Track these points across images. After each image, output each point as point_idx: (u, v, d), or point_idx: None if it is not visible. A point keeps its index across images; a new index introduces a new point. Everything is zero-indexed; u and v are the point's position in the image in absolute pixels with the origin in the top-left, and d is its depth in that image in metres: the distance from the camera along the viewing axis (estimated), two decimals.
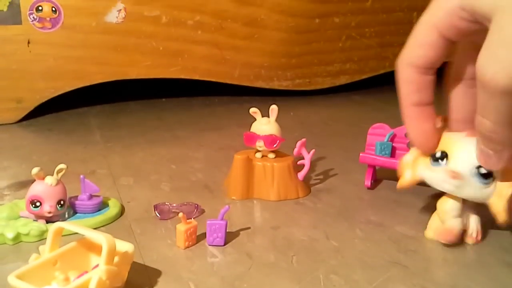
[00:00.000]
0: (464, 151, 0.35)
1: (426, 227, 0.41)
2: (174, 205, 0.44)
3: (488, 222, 0.43)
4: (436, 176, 0.36)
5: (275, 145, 0.47)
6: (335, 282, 0.34)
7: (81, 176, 0.43)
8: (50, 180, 0.40)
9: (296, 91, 0.92)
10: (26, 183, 0.50)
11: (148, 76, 0.82)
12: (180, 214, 0.38)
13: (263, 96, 0.89)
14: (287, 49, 0.88)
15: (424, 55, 0.33)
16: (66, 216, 0.42)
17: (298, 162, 0.49)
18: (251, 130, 0.48)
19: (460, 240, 0.38)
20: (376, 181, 0.52)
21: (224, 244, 0.39)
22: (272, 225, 0.42)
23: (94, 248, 0.33)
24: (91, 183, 0.43)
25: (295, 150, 0.48)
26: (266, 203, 0.47)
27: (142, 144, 0.66)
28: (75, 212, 0.42)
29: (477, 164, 0.34)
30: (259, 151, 0.48)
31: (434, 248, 0.39)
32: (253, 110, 0.48)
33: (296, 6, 0.86)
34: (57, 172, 0.40)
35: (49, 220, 0.40)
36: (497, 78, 0.27)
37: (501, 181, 0.35)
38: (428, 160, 0.37)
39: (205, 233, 0.39)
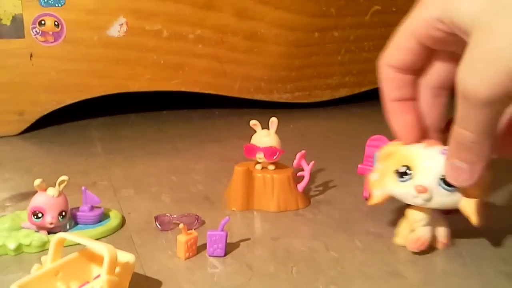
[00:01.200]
0: (426, 163, 0.36)
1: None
2: (175, 216, 0.44)
3: (486, 232, 0.43)
4: (405, 191, 0.37)
5: (275, 157, 0.48)
6: None
7: (83, 188, 0.43)
8: (52, 191, 0.40)
9: (295, 103, 0.93)
10: (27, 195, 0.51)
11: (149, 89, 0.83)
12: (181, 225, 0.38)
13: (263, 108, 0.90)
14: (286, 62, 0.89)
15: (402, 58, 0.35)
16: (68, 227, 0.42)
17: (298, 174, 0.49)
18: (251, 142, 0.49)
19: (428, 247, 0.39)
20: None
21: (225, 255, 0.39)
22: (272, 236, 0.43)
23: (96, 258, 0.33)
24: (92, 194, 0.43)
25: (295, 162, 0.49)
26: (266, 214, 0.47)
27: (143, 156, 0.66)
28: (76, 223, 0.43)
29: (441, 173, 0.35)
30: (259, 162, 0.49)
31: (433, 259, 0.39)
32: (253, 123, 0.49)
33: (296, 21, 0.87)
34: (59, 184, 0.41)
35: (50, 231, 0.41)
36: (478, 90, 0.29)
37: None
38: (394, 176, 0.38)
39: (206, 244, 0.39)
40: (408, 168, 0.37)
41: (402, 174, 0.37)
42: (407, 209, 0.39)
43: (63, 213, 0.41)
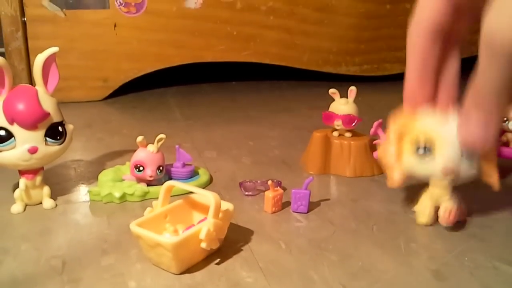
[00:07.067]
0: (447, 139, 0.35)
1: (499, 206, 0.42)
2: (259, 182, 0.47)
3: None
4: (428, 169, 0.36)
5: (353, 124, 0.49)
6: (416, 249, 0.36)
7: (176, 146, 0.48)
8: (152, 147, 0.44)
9: (363, 77, 0.93)
10: (121, 153, 0.56)
11: (222, 60, 0.86)
12: (269, 182, 0.41)
13: (330, 81, 0.91)
14: (356, 34, 0.90)
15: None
16: (163, 181, 0.46)
17: (374, 142, 0.51)
18: (329, 110, 0.51)
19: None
20: None
21: (308, 212, 0.42)
22: (350, 198, 0.45)
23: (196, 206, 0.37)
24: (185, 152, 0.47)
25: (372, 130, 0.50)
26: (343, 178, 0.49)
27: (219, 122, 0.70)
28: (170, 178, 0.47)
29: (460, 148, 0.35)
30: (336, 130, 0.51)
31: (510, 224, 0.40)
32: (332, 91, 0.51)
33: None
34: (157, 141, 0.45)
35: (149, 184, 0.45)
36: (505, 35, 0.24)
37: None
38: (412, 154, 0.36)
39: (289, 202, 0.42)
40: (427, 143, 0.35)
41: (422, 152, 0.35)
42: (429, 186, 0.38)
43: (161, 168, 0.45)
